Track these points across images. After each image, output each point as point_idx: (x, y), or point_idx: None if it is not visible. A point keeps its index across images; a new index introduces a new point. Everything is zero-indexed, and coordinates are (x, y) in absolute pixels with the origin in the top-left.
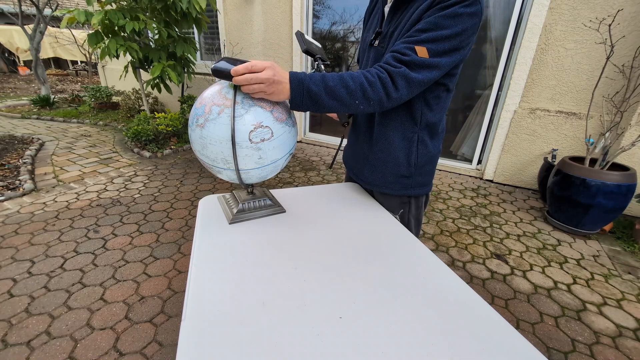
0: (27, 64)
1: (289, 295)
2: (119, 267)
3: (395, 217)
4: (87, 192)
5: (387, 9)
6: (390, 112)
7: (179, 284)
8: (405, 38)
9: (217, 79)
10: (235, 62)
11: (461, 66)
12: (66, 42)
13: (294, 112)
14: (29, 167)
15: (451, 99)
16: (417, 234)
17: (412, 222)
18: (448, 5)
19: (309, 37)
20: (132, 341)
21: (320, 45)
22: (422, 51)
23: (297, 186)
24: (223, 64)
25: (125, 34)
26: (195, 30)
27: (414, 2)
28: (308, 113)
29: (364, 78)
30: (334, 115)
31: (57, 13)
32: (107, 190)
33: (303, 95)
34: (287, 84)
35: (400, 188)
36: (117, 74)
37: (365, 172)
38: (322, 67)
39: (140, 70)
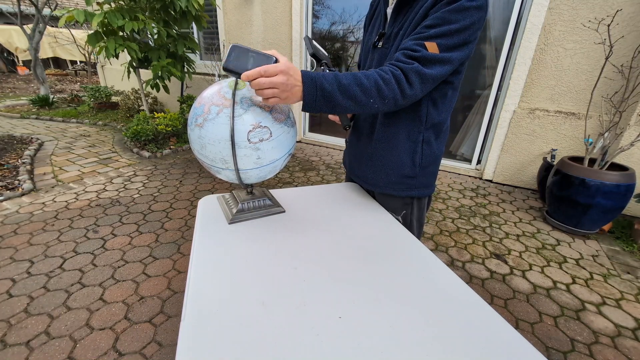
0: (26, 63)
1: (288, 295)
2: (118, 267)
3: (398, 219)
4: (87, 192)
5: (389, 10)
6: (395, 112)
7: (178, 284)
8: (414, 35)
9: (217, 78)
10: (248, 55)
11: (466, 64)
12: (65, 42)
13: (292, 112)
14: (28, 167)
15: (457, 98)
16: (419, 236)
17: (414, 224)
18: (454, 0)
19: (316, 43)
20: (132, 341)
21: (326, 53)
22: (432, 47)
23: (296, 186)
24: (234, 61)
25: (125, 34)
26: (195, 29)
27: (417, 1)
28: (307, 113)
29: (378, 76)
30: (335, 118)
31: (57, 13)
32: (107, 190)
33: (316, 95)
34: (300, 86)
35: (405, 189)
36: (116, 74)
37: (368, 173)
38: (327, 72)
39: (140, 70)
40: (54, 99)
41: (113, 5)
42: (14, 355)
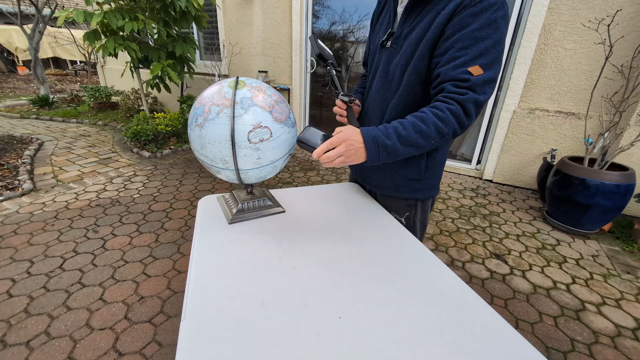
0: (26, 63)
1: (288, 295)
2: (118, 267)
3: (401, 221)
4: (87, 192)
5: (400, 9)
6: (401, 116)
7: (178, 284)
8: (451, 62)
9: (217, 78)
10: (317, 135)
11: None
12: (65, 42)
13: (293, 112)
14: (28, 167)
15: None
16: (421, 238)
17: (417, 226)
18: (477, 13)
19: (321, 43)
20: (132, 341)
21: (331, 53)
22: (476, 70)
23: (296, 186)
24: (307, 136)
25: (125, 34)
26: (195, 28)
27: (432, 4)
28: (307, 111)
29: (435, 117)
30: (344, 120)
31: (57, 14)
32: (107, 190)
33: (379, 152)
34: (363, 146)
35: (409, 191)
36: (117, 74)
37: (372, 175)
38: (334, 72)
39: (140, 70)
40: (54, 99)
41: (113, 5)
42: (14, 355)
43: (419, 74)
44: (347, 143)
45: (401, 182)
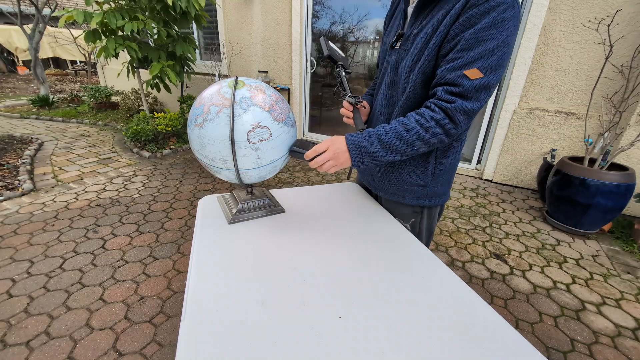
0: (26, 63)
1: (288, 295)
2: (119, 267)
3: (406, 227)
4: (87, 192)
5: (410, 9)
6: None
7: (178, 284)
8: (449, 63)
9: (216, 78)
10: (308, 145)
11: None
12: (65, 42)
13: (292, 112)
14: (28, 167)
15: None
16: (427, 244)
17: (423, 233)
18: (483, 12)
19: (332, 44)
20: (132, 341)
21: (343, 54)
22: (473, 73)
23: (296, 186)
24: (299, 147)
25: (125, 34)
26: (195, 28)
27: (441, 4)
28: (307, 111)
29: (417, 125)
30: (350, 122)
31: (57, 14)
32: (107, 190)
33: (362, 158)
34: (347, 152)
35: (415, 198)
36: (116, 74)
37: (377, 178)
38: (343, 73)
39: (140, 69)
40: (54, 99)
41: (113, 5)
42: (14, 355)
43: (425, 76)
44: (333, 148)
45: (406, 188)
